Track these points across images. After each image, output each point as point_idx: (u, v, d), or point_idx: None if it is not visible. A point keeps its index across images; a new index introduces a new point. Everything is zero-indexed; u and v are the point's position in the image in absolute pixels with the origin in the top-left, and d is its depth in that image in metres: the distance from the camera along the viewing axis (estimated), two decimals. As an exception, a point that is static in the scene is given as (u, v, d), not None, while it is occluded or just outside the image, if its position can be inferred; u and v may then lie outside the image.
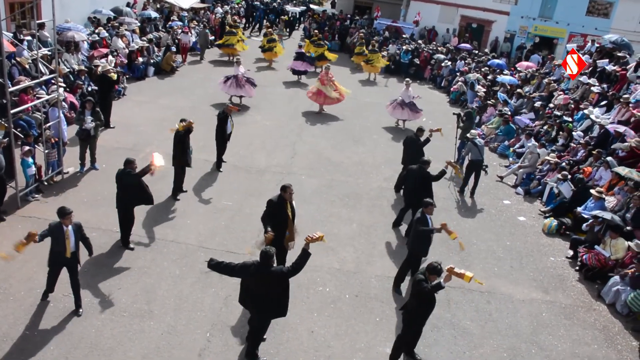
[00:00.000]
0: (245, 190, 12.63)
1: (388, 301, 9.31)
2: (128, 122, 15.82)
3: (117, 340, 7.71)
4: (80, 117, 12.02)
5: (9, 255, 7.77)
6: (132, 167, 9.46)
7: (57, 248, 7.78)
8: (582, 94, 17.68)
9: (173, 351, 7.64)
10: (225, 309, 8.61)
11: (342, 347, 8.15)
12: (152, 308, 8.43)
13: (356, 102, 20.63)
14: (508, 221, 12.89)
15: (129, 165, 9.45)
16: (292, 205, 8.97)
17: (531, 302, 9.89)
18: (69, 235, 7.75)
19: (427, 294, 7.13)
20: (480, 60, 25.68)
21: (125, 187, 9.43)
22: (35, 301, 8.25)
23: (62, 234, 7.71)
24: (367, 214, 12.23)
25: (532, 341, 8.84)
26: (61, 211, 7.72)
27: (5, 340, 7.47)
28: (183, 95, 19.15)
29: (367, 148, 16.31)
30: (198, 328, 8.13)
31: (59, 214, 7.72)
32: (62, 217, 7.69)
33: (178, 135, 11.34)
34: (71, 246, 7.79)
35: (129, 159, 9.57)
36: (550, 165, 14.33)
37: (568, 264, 11.35)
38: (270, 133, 16.54)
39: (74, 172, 12.40)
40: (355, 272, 10.03)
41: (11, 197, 10.77)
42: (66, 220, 7.69)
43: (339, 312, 8.91)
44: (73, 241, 7.81)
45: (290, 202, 8.90)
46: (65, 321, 7.94)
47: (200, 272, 9.35)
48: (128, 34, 21.44)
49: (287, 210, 8.80)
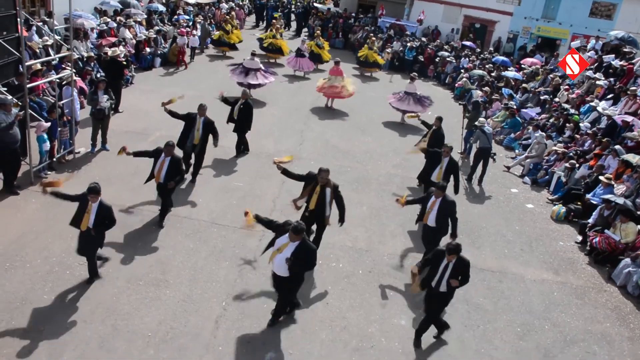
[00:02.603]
0: (255, 173, 12.67)
1: (402, 278, 9.34)
2: (136, 109, 15.85)
3: (133, 307, 7.72)
4: (94, 98, 12.04)
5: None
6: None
7: (77, 216, 7.73)
8: (588, 89, 17.78)
9: (189, 318, 7.66)
10: (240, 281, 8.63)
11: (357, 318, 8.17)
12: (168, 278, 8.44)
13: (361, 96, 20.69)
14: (516, 208, 12.95)
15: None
16: (325, 193, 8.76)
17: (542, 282, 9.93)
18: (90, 210, 7.60)
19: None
20: (484, 57, 25.79)
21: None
22: (52, 269, 8.27)
23: (85, 206, 7.62)
24: (377, 198, 12.28)
25: (544, 318, 8.88)
26: (91, 188, 7.55)
27: (24, 303, 7.48)
28: (190, 85, 19.15)
29: (374, 138, 16.37)
30: (213, 297, 8.15)
31: (88, 189, 7.55)
32: (89, 192, 7.53)
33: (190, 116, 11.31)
34: (89, 222, 7.62)
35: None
36: (558, 155, 14.42)
37: (577, 248, 11.41)
38: (277, 122, 16.59)
39: (85, 153, 12.42)
40: (368, 250, 10.06)
41: (24, 173, 10.80)
42: (92, 197, 7.53)
43: (352, 286, 8.94)
44: (92, 219, 7.61)
45: (323, 187, 8.72)
46: (82, 288, 7.95)
47: (214, 247, 9.38)
48: (135, 25, 21.47)
49: (315, 191, 8.72)
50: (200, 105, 11.46)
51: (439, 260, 7.22)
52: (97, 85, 12.25)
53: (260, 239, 9.83)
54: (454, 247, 7.07)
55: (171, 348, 7.08)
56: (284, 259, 7.01)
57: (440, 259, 7.20)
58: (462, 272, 7.21)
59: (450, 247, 7.08)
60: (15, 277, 7.97)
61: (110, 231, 9.32)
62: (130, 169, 11.56)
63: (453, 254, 7.08)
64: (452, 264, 7.13)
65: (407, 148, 14.42)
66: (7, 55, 10.75)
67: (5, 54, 10.68)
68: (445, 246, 7.21)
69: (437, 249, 7.47)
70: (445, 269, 7.17)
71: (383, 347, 7.66)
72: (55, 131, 11.18)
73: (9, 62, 10.91)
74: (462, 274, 7.21)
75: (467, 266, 7.23)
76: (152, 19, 23.36)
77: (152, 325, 7.43)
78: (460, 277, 7.20)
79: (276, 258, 7.19)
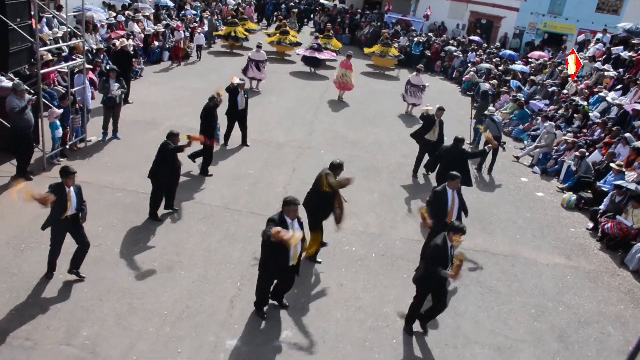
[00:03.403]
0: (265, 161, 12.70)
1: (415, 261, 9.32)
2: (146, 100, 15.92)
3: (149, 286, 7.75)
4: (105, 86, 12.10)
5: (14, 194, 6.95)
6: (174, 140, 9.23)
7: (57, 209, 7.22)
8: (597, 80, 17.75)
9: (205, 297, 7.68)
10: (255, 263, 8.61)
11: (371, 299, 8.18)
12: (182, 259, 8.47)
13: (368, 89, 20.75)
14: (527, 196, 12.94)
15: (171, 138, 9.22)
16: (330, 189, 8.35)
17: (555, 266, 9.92)
18: (70, 196, 7.25)
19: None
20: (491, 52, 25.78)
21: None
22: (66, 250, 8.22)
23: (64, 194, 7.19)
24: (388, 186, 12.29)
25: (558, 300, 8.87)
26: (65, 170, 7.17)
27: (41, 282, 7.52)
28: (198, 78, 19.24)
29: (383, 129, 16.39)
30: (228, 278, 8.18)
31: (62, 173, 7.18)
32: (65, 176, 7.14)
33: (207, 109, 11.25)
34: (72, 208, 7.29)
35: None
36: (567, 145, 14.40)
37: (589, 234, 11.39)
38: (286, 113, 16.63)
39: (96, 141, 12.47)
40: (380, 235, 10.07)
41: (37, 160, 10.86)
42: (69, 180, 7.16)
43: (366, 269, 8.95)
44: (75, 202, 7.30)
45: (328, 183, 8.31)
46: (97, 268, 7.97)
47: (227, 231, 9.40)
48: (143, 20, 21.57)
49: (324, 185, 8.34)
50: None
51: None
52: (108, 74, 12.31)
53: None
54: (459, 227, 6.99)
55: (187, 326, 7.10)
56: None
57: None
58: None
59: (455, 227, 6.99)
60: (31, 257, 8.01)
61: (124, 215, 9.48)
62: (141, 156, 11.59)
63: (458, 236, 6.95)
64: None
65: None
66: (20, 42, 10.80)
67: (19, 41, 10.73)
68: (450, 225, 7.10)
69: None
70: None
71: (398, 326, 7.66)
72: (68, 118, 11.23)
73: (22, 49, 10.96)
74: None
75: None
76: (159, 14, 23.43)
77: (168, 304, 7.45)
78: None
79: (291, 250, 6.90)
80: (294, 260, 7.07)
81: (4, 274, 7.58)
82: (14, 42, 10.62)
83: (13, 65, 10.86)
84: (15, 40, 10.66)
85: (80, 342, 6.60)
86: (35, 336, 6.59)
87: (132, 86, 16.01)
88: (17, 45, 10.75)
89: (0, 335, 6.53)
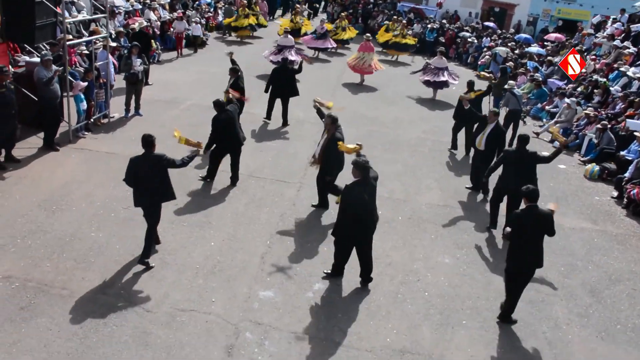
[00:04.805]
0: (287, 135, 12.76)
1: (442, 224, 9.34)
2: (165, 82, 16.01)
3: (180, 244, 7.81)
4: (128, 62, 12.19)
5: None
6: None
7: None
8: (616, 58, 17.63)
9: (235, 254, 7.72)
10: (282, 224, 8.69)
11: (400, 257, 8.19)
12: (210, 220, 8.53)
13: (386, 73, 20.66)
14: (548, 168, 12.71)
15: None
16: (329, 137, 8.76)
17: (582, 230, 9.87)
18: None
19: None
20: (506, 36, 25.66)
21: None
22: (96, 212, 8.39)
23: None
24: (410, 157, 12.29)
25: (587, 260, 8.83)
26: (145, 140, 6.99)
27: (74, 239, 7.60)
28: (214, 64, 19.25)
29: (401, 108, 16.38)
30: (257, 237, 8.22)
31: (145, 141, 7.00)
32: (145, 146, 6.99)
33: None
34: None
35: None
36: (589, 119, 14.29)
37: (614, 202, 11.30)
38: (305, 93, 16.55)
39: (119, 118, 12.56)
40: (405, 200, 10.07)
41: (63, 133, 10.96)
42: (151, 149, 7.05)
43: (393, 230, 8.95)
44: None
45: (330, 134, 8.75)
46: (127, 228, 8.06)
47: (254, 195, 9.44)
48: (159, 8, 21.69)
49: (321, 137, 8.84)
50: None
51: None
52: (130, 50, 12.41)
53: (298, 189, 9.91)
54: (531, 191, 6.63)
55: (220, 279, 7.14)
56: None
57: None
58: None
59: (524, 191, 6.67)
60: (63, 218, 8.10)
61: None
62: (165, 131, 11.62)
63: (526, 199, 6.63)
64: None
65: (435, 118, 14.47)
66: (45, 16, 10.89)
67: (44, 15, 10.83)
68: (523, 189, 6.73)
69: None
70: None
71: (429, 281, 7.67)
72: (92, 92, 11.33)
73: (47, 23, 11.06)
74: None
75: (548, 219, 6.65)
76: (174, 3, 23.55)
77: (199, 259, 7.51)
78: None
79: None
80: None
81: (37, 232, 7.67)
82: (40, 16, 10.71)
83: (39, 39, 10.98)
84: (41, 15, 10.75)
85: (115, 291, 6.68)
86: (71, 286, 6.67)
87: (151, 70, 16.06)
88: (42, 20, 10.84)
89: (38, 284, 6.61)
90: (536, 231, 6.66)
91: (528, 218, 6.62)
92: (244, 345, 6.06)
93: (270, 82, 13.18)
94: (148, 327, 6.16)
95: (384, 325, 6.66)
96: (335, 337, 6.37)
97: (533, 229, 6.63)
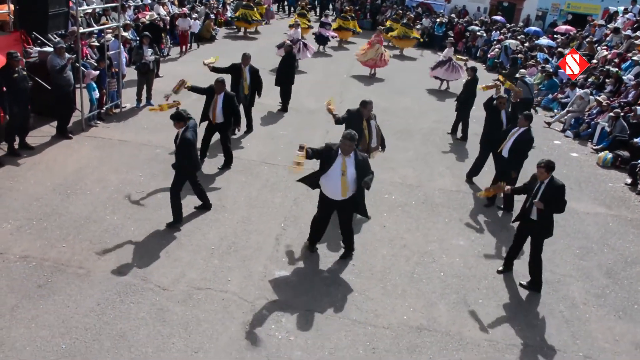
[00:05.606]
0: (299, 124, 12.77)
1: (455, 208, 9.30)
2: (175, 73, 15.99)
3: (194, 225, 7.82)
4: (139, 52, 12.24)
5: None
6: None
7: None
8: (627, 48, 17.51)
9: (250, 236, 7.73)
10: (296, 207, 8.68)
11: (415, 239, 8.16)
12: (225, 204, 8.53)
13: (395, 65, 20.67)
14: (561, 156, 12.78)
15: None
16: (370, 124, 8.75)
17: (596, 214, 9.81)
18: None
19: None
20: (515, 30, 25.55)
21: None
22: (110, 196, 8.41)
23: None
24: (422, 145, 12.26)
25: (602, 243, 8.76)
26: (178, 116, 7.40)
27: (89, 222, 7.63)
28: (225, 57, 19.28)
29: (412, 98, 16.36)
30: (272, 220, 8.22)
31: (175, 117, 7.42)
32: (177, 120, 7.41)
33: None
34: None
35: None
36: (602, 107, 14.20)
37: (628, 189, 11.22)
38: (316, 84, 16.69)
39: (130, 107, 12.60)
40: (418, 186, 10.04)
41: (75, 123, 11.00)
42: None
43: (407, 214, 8.93)
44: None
45: (369, 121, 8.70)
46: (142, 211, 8.09)
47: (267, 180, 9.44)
48: (168, 3, 21.77)
49: (363, 126, 8.59)
50: (243, 54, 11.58)
51: (533, 184, 6.91)
52: (141, 40, 12.46)
53: (311, 174, 9.89)
54: (545, 162, 6.72)
55: (235, 259, 7.15)
56: (352, 181, 6.84)
57: (535, 182, 6.91)
58: (554, 197, 6.75)
59: (541, 162, 6.74)
60: (77, 201, 8.13)
61: (164, 167, 9.54)
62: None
63: (542, 170, 6.70)
64: (543, 186, 6.79)
65: (445, 108, 14.41)
66: (57, 5, 10.97)
67: (56, 4, 10.90)
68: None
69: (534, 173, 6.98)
70: (537, 192, 6.83)
71: (444, 262, 7.64)
72: (104, 81, 11.38)
73: (59, 12, 11.13)
74: (554, 198, 6.75)
75: (560, 190, 6.75)
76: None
77: (215, 240, 7.52)
78: (553, 203, 6.74)
79: (338, 182, 6.86)
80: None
81: (53, 215, 7.70)
82: (53, 5, 10.79)
83: (52, 28, 11.07)
84: (54, 4, 10.82)
85: (132, 270, 6.69)
86: (87, 265, 6.70)
87: (161, 63, 16.14)
88: (55, 9, 10.91)
89: (54, 264, 6.63)
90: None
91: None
92: (260, 321, 6.06)
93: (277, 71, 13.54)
94: (165, 304, 6.17)
95: (401, 304, 6.64)
96: (352, 314, 6.35)
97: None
